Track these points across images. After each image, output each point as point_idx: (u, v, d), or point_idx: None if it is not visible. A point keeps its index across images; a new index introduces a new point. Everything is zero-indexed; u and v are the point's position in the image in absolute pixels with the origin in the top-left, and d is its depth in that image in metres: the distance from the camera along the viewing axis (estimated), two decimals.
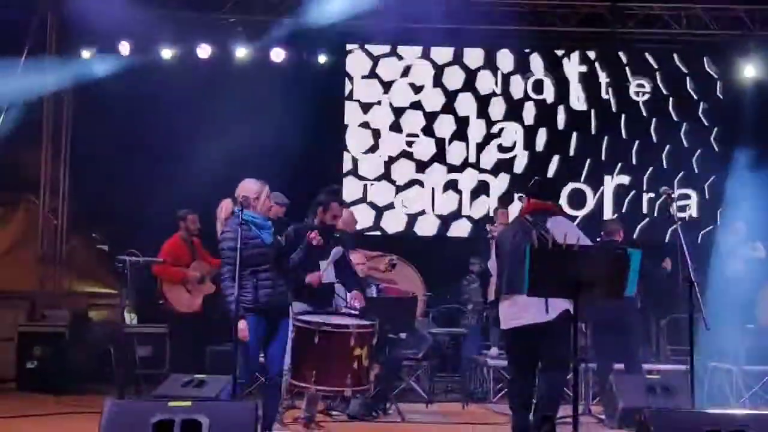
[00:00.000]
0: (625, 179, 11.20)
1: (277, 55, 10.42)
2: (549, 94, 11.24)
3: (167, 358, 9.03)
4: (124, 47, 10.06)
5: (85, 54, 10.13)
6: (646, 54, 11.32)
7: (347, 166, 11.04)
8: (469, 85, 11.17)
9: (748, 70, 10.88)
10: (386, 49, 11.13)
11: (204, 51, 10.17)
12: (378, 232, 10.86)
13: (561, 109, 11.22)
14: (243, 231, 5.51)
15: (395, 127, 11.10)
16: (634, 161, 11.22)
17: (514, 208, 10.46)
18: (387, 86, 11.11)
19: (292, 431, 6.37)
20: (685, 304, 5.98)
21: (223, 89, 10.00)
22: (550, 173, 11.06)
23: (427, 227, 11.05)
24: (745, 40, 10.86)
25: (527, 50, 11.23)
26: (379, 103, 11.11)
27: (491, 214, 10.26)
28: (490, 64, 11.22)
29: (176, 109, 9.62)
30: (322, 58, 10.71)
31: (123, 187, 9.99)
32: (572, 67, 11.29)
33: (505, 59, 11.24)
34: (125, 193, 9.93)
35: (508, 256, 5.85)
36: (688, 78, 11.32)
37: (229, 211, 5.70)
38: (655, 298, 8.85)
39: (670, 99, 11.30)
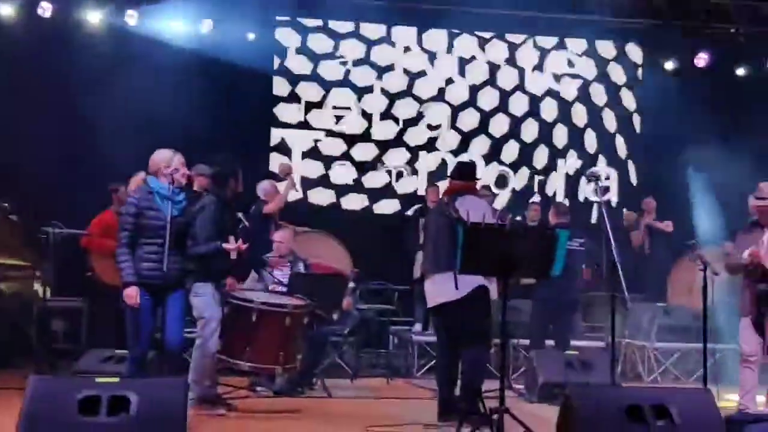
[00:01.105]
0: (546, 162, 11.44)
1: (206, 26, 10.20)
2: (477, 75, 11.37)
3: (84, 333, 8.82)
4: (43, 9, 9.66)
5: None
6: (571, 39, 11.55)
7: (275, 140, 10.95)
8: (400, 63, 11.21)
9: (669, 59, 11.28)
10: (318, 23, 11.05)
11: (131, 18, 9.88)
12: (305, 208, 10.80)
13: (488, 90, 11.37)
14: (146, 201, 5.47)
15: (324, 103, 11.05)
16: (557, 144, 11.47)
17: (443, 187, 10.63)
18: (317, 61, 11.04)
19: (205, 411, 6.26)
20: (603, 282, 6.17)
21: (149, 58, 9.75)
22: (476, 153, 11.21)
23: (354, 203, 11.07)
24: (666, 29, 11.19)
25: (456, 31, 11.32)
26: (308, 78, 11.02)
27: (419, 192, 10.34)
28: (420, 43, 11.27)
29: (100, 75, 9.42)
30: (251, 31, 10.53)
31: (36, 154, 9.59)
32: (500, 50, 11.44)
33: (435, 39, 11.30)
34: (40, 161, 9.55)
35: (431, 237, 6.05)
36: (612, 63, 11.62)
37: (138, 183, 5.61)
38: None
39: (594, 84, 11.58)
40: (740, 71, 11.27)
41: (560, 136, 11.50)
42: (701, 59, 11.09)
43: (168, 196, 5.49)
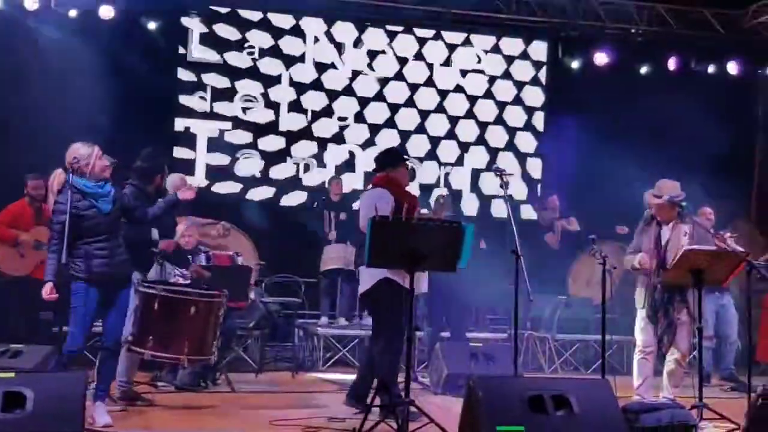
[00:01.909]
0: (452, 156, 11.57)
1: (106, 11, 9.87)
2: (386, 68, 11.40)
3: None
4: None
5: None
6: (478, 35, 11.71)
7: (180, 130, 10.71)
8: (308, 53, 11.13)
9: (573, 57, 11.57)
10: (225, 10, 10.85)
11: (31, 3, 9.49)
12: (211, 199, 10.60)
13: (397, 84, 11.42)
14: (75, 201, 5.31)
15: (231, 93, 10.87)
16: (463, 139, 11.61)
17: (349, 179, 10.64)
18: (224, 50, 10.85)
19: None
20: (507, 275, 6.26)
21: (46, 45, 9.41)
22: (384, 147, 11.21)
23: (261, 195, 10.93)
24: (568, 27, 11.49)
25: (367, 23, 11.32)
26: (215, 67, 10.82)
27: (327, 184, 10.31)
28: (329, 34, 11.22)
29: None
30: (156, 17, 10.26)
31: None
32: (408, 44, 11.50)
33: (343, 30, 11.27)
34: None
35: None
36: (516, 61, 11.83)
37: (62, 182, 5.43)
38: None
39: (497, 80, 11.76)
40: (643, 69, 11.63)
41: (467, 131, 11.64)
42: (603, 58, 11.42)
43: (96, 193, 5.41)
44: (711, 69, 11.66)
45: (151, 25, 10.26)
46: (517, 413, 4.25)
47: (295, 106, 11.06)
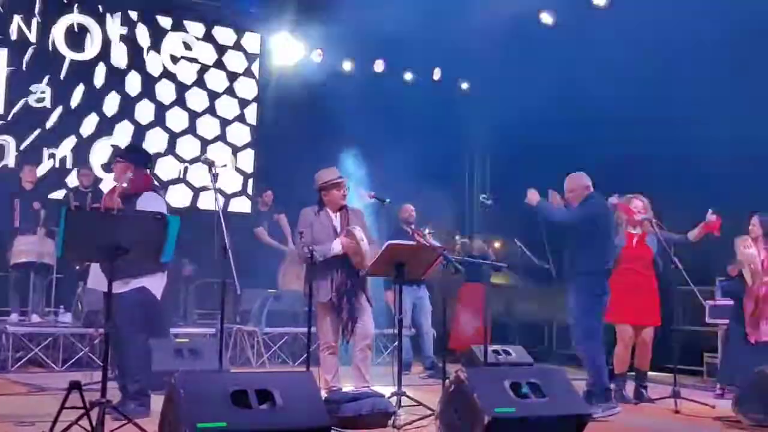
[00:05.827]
0: (161, 146, 11.16)
1: None
2: (89, 50, 10.75)
3: None
4: None
5: None
6: (190, 21, 11.44)
7: None
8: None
9: (294, 51, 11.57)
10: None
11: None
12: None
13: (101, 66, 10.80)
14: None
15: None
16: (173, 128, 11.25)
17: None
18: None
19: None
20: (216, 269, 6.12)
21: None
22: (83, 131, 10.59)
23: None
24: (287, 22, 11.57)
25: (66, 1, 10.58)
26: None
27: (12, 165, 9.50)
28: (23, 10, 10.36)
29: None
30: None
31: None
32: (115, 26, 10.93)
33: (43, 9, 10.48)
34: None
35: None
36: (229, 50, 11.68)
37: None
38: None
39: (210, 69, 11.55)
40: (347, 66, 11.84)
41: (175, 120, 11.30)
42: (318, 54, 11.62)
43: None
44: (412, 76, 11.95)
45: None
46: (220, 409, 4.14)
47: None
